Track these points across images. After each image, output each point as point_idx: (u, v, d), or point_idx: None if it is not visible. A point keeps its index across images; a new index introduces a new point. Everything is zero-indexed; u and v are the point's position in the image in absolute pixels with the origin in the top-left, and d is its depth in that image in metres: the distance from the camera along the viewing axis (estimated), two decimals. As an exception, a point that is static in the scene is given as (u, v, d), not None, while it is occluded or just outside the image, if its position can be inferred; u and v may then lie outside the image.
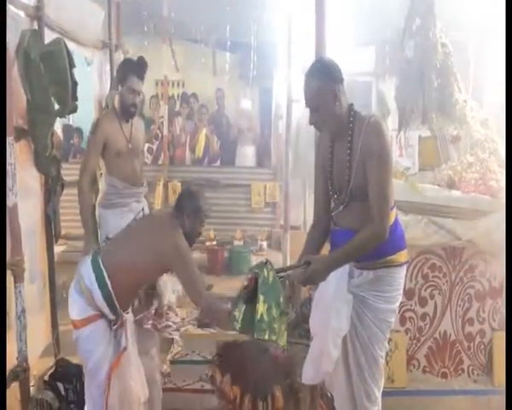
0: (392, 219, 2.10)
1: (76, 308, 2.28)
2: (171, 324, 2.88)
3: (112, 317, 2.29)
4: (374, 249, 2.03)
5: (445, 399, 2.91)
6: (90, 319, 2.26)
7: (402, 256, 2.16)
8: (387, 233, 1.98)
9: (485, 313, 2.97)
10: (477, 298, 2.96)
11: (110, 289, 2.24)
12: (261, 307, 1.97)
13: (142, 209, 3.21)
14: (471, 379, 3.01)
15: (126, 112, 3.11)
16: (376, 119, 2.06)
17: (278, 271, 2.08)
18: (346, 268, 2.13)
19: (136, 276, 2.29)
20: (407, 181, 2.89)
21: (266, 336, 1.97)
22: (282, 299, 1.99)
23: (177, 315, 2.99)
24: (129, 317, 2.42)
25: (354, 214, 2.06)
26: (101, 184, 3.22)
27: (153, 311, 2.83)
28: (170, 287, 3.12)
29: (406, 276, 2.84)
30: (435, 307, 2.94)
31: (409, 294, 2.91)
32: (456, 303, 2.95)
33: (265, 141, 7.19)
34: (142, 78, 3.13)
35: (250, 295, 2.05)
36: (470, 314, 2.97)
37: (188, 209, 2.38)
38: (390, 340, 2.82)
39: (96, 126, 3.15)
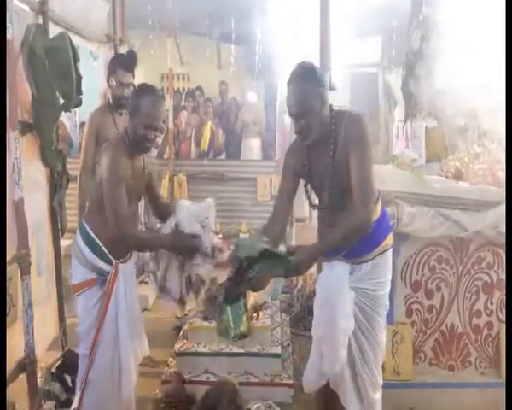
0: (379, 210, 2.14)
1: (74, 272, 2.33)
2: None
3: (107, 268, 2.29)
4: (370, 242, 2.06)
5: (451, 391, 2.88)
6: (86, 284, 2.29)
7: (390, 240, 2.21)
8: (371, 223, 1.98)
9: (492, 306, 2.95)
10: (485, 290, 2.93)
11: (93, 235, 2.27)
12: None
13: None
14: (478, 372, 2.99)
15: (117, 104, 3.15)
16: (356, 111, 2.08)
17: None
18: (346, 268, 2.15)
19: (104, 208, 2.22)
20: (413, 173, 2.87)
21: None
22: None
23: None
24: (126, 267, 2.37)
25: (342, 214, 2.05)
26: None
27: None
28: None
29: (413, 268, 2.86)
30: (442, 299, 2.92)
31: (415, 286, 2.89)
32: (463, 295, 2.93)
33: (271, 134, 7.17)
34: (130, 70, 3.17)
35: (228, 295, 2.08)
36: (478, 307, 2.95)
37: (129, 107, 2.25)
38: (396, 332, 2.86)
39: (88, 120, 3.21)
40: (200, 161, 7.08)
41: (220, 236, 5.74)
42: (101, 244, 2.28)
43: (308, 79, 1.98)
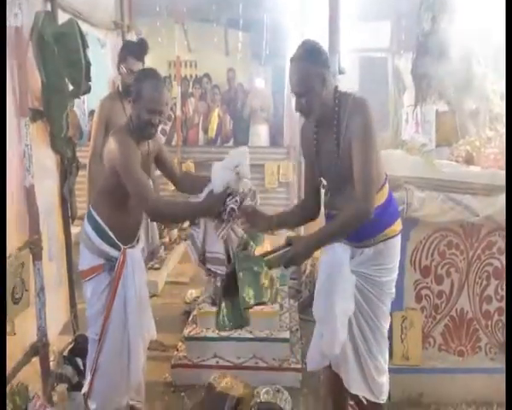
0: (385, 195, 2.10)
1: (82, 258, 2.33)
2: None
3: (114, 253, 2.29)
4: (372, 227, 2.03)
5: (461, 377, 2.88)
6: (94, 270, 2.29)
7: (397, 226, 2.16)
8: (372, 212, 1.95)
9: (503, 291, 2.92)
10: (495, 275, 2.91)
11: (100, 221, 2.27)
12: (243, 281, 2.07)
13: None
14: (488, 357, 2.98)
15: (127, 92, 3.14)
16: (360, 95, 2.04)
17: (262, 255, 2.11)
18: (347, 251, 2.13)
19: (111, 195, 2.26)
20: (423, 157, 2.84)
21: (252, 302, 2.10)
22: (263, 265, 2.07)
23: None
24: (134, 253, 2.37)
25: (346, 197, 2.04)
26: None
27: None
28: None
29: (422, 253, 2.85)
30: (452, 284, 2.91)
31: (424, 271, 2.88)
32: (473, 281, 2.91)
33: (278, 120, 7.14)
34: (141, 59, 3.15)
35: (226, 290, 2.11)
36: (488, 292, 2.93)
37: (132, 93, 2.23)
38: (405, 318, 2.86)
39: (98, 108, 3.20)
40: (207, 147, 7.07)
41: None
42: (108, 230, 2.28)
43: (310, 59, 1.97)
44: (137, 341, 2.37)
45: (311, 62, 1.96)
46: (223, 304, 2.11)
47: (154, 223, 3.44)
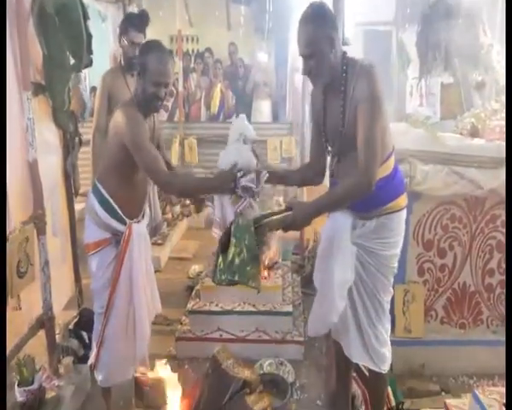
0: (390, 167, 2.08)
1: (88, 232, 2.34)
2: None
3: (120, 227, 2.30)
4: (375, 199, 2.01)
5: (462, 349, 2.92)
6: (99, 243, 2.30)
7: (402, 200, 2.14)
8: (373, 184, 1.93)
9: (505, 264, 2.95)
10: (498, 249, 2.91)
11: (106, 195, 2.27)
12: (232, 250, 2.05)
13: None
14: (490, 330, 3.01)
15: (129, 65, 3.12)
16: (369, 62, 2.00)
17: (261, 217, 2.10)
18: (348, 221, 2.12)
19: (117, 169, 2.26)
20: (427, 130, 2.81)
21: (236, 278, 2.06)
22: (254, 243, 2.03)
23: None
24: (139, 227, 2.38)
25: (351, 166, 2.01)
26: None
27: None
28: None
29: (425, 227, 2.85)
30: (455, 258, 2.92)
31: (427, 245, 2.89)
32: (476, 254, 2.92)
33: (281, 95, 7.07)
34: (142, 31, 3.13)
35: (224, 245, 2.10)
36: (491, 265, 2.94)
37: (137, 66, 2.22)
38: (408, 291, 2.88)
39: (100, 82, 3.19)
40: (210, 123, 7.02)
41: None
42: (114, 204, 2.28)
43: (317, 21, 1.94)
44: (143, 314, 2.39)
45: (319, 24, 1.93)
46: (220, 259, 2.12)
47: (157, 199, 3.45)
